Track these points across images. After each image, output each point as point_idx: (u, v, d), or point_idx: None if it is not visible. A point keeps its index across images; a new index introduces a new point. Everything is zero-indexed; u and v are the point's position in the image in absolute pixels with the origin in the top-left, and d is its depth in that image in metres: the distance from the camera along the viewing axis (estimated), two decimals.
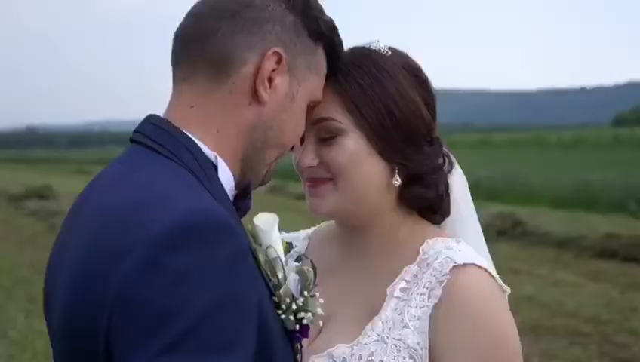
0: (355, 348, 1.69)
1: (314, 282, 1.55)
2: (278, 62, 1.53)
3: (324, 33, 1.61)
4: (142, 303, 1.26)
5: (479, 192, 22.98)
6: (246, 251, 1.37)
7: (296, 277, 1.52)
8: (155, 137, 1.48)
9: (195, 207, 1.33)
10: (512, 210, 16.26)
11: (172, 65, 1.57)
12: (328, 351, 1.70)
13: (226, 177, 1.52)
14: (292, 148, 1.67)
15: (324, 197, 1.74)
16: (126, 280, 1.27)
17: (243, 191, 1.57)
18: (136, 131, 1.53)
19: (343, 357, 1.68)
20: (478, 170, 25.75)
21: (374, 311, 1.73)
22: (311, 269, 1.55)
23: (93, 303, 1.31)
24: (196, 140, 1.49)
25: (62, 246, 1.49)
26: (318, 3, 1.62)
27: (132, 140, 1.53)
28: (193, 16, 1.56)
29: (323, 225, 1.99)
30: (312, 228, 2.02)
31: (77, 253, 1.40)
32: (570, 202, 18.94)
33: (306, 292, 1.52)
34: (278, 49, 1.53)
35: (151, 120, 1.53)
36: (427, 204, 1.80)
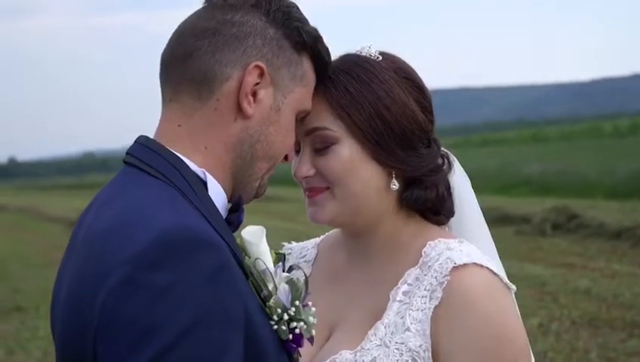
0: (358, 354, 1.69)
1: (305, 291, 1.56)
2: (261, 75, 1.55)
3: (308, 43, 1.62)
4: (125, 320, 1.30)
5: (533, 187, 22.73)
6: (228, 265, 1.39)
7: (287, 287, 1.53)
8: (143, 158, 1.52)
9: (174, 224, 1.36)
10: (567, 203, 16.03)
11: (160, 86, 1.60)
12: (332, 357, 1.71)
13: (217, 192, 1.54)
14: (287, 159, 1.68)
15: (322, 206, 1.75)
16: (109, 300, 1.32)
17: (235, 205, 1.59)
18: (127, 153, 1.57)
19: None
20: (531, 165, 25.44)
21: (378, 316, 1.73)
22: (301, 279, 1.55)
23: (82, 323, 1.36)
24: (184, 158, 1.52)
25: (62, 268, 1.54)
26: (300, 14, 1.63)
27: (124, 162, 1.57)
28: (176, 36, 1.59)
29: (331, 232, 2.00)
30: (322, 236, 2.03)
31: (70, 275, 1.45)
32: (626, 192, 18.59)
33: (297, 302, 1.53)
34: (260, 63, 1.54)
35: (140, 141, 1.56)
36: (428, 206, 1.79)
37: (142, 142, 1.56)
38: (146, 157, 1.52)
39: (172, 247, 1.33)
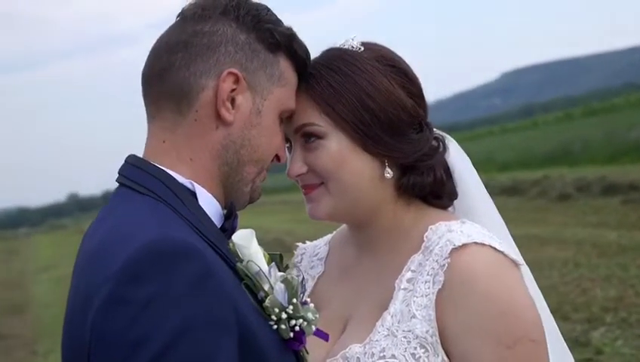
0: (367, 346, 1.68)
1: (301, 288, 1.56)
2: (236, 81, 1.56)
3: (282, 43, 1.62)
4: (113, 337, 1.33)
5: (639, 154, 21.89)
6: (210, 272, 1.40)
7: (283, 286, 1.53)
8: (132, 177, 1.56)
9: (154, 237, 1.39)
10: None
11: (144, 105, 1.64)
12: (342, 352, 1.71)
13: (208, 201, 1.57)
14: (279, 160, 1.69)
15: (319, 202, 1.75)
16: (97, 318, 1.36)
17: (228, 212, 1.61)
18: (118, 173, 1.61)
19: (357, 357, 1.68)
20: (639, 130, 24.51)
21: (386, 306, 1.71)
22: (295, 277, 1.55)
23: (78, 343, 1.41)
24: (171, 172, 1.55)
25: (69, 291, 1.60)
26: (271, 15, 1.64)
27: (117, 182, 1.61)
28: (152, 54, 1.62)
29: (341, 228, 2.00)
30: (334, 233, 2.03)
31: (70, 295, 1.51)
32: None
33: (294, 300, 1.53)
34: (233, 69, 1.56)
35: (129, 160, 1.60)
36: (427, 191, 1.77)
37: (130, 162, 1.60)
38: (134, 176, 1.56)
39: (152, 259, 1.36)
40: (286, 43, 1.63)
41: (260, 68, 1.60)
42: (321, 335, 1.63)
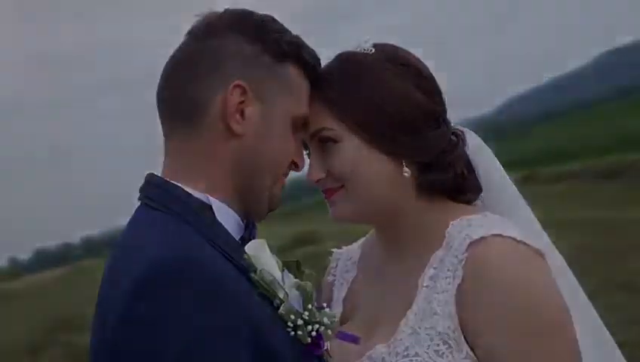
0: (391, 346, 1.68)
1: (317, 293, 1.57)
2: (244, 93, 1.58)
3: (289, 52, 1.64)
4: (127, 353, 1.38)
5: None
6: (219, 283, 1.42)
7: (297, 292, 1.54)
8: (150, 195, 1.60)
9: (160, 255, 1.42)
10: None
11: (160, 124, 1.68)
12: (368, 353, 1.71)
13: (226, 214, 1.59)
14: (297, 167, 1.71)
15: (339, 205, 1.76)
16: (113, 335, 1.40)
17: (247, 222, 1.64)
18: (139, 191, 1.65)
19: (382, 357, 1.68)
20: None
21: (410, 305, 1.71)
22: (309, 282, 1.56)
23: (100, 359, 1.46)
24: (187, 188, 1.58)
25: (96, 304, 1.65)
26: (276, 25, 1.65)
27: (138, 200, 1.65)
28: (163, 74, 1.66)
29: (372, 230, 1.99)
30: (367, 235, 2.03)
31: (95, 311, 1.55)
32: None
33: (309, 305, 1.54)
34: (240, 81, 1.58)
35: (148, 179, 1.64)
36: (449, 186, 1.76)
37: (149, 180, 1.64)
38: (151, 193, 1.60)
39: (159, 277, 1.39)
40: (293, 51, 1.65)
41: (267, 78, 1.61)
42: (351, 338, 1.63)
